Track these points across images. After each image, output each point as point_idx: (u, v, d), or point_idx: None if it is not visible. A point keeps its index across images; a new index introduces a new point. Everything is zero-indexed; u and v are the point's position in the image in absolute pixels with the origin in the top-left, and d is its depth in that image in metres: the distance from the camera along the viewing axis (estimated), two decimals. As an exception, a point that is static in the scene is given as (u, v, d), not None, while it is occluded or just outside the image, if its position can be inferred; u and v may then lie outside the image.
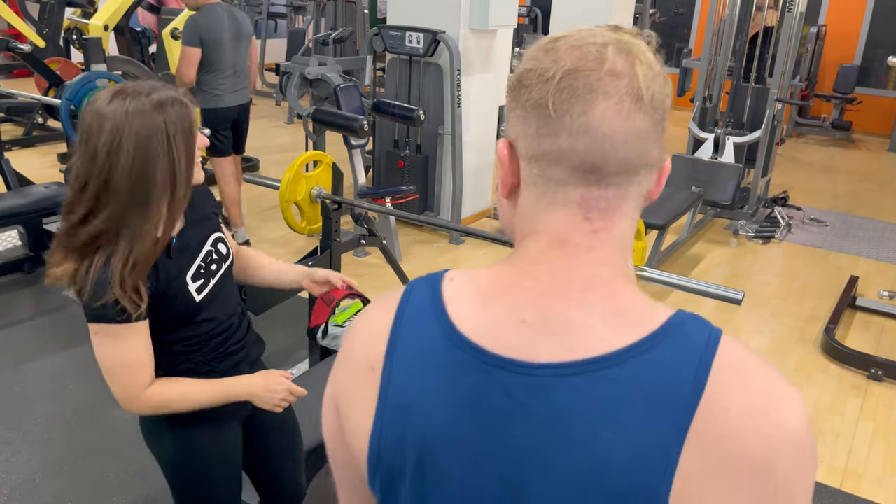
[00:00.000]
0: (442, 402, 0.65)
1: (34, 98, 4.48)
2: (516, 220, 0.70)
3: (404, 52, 4.70)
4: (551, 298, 0.64)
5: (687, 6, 10.73)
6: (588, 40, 0.63)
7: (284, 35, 10.95)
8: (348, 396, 0.73)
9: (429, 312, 0.68)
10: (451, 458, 0.65)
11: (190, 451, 1.48)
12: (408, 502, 0.67)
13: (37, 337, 3.40)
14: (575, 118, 0.61)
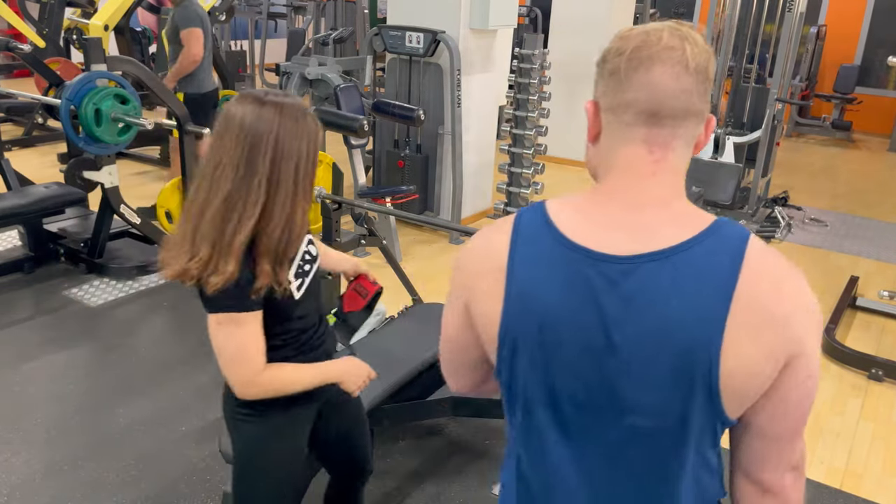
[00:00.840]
0: (555, 287, 0.89)
1: (34, 98, 4.47)
2: (599, 159, 0.96)
3: (404, 52, 4.70)
4: (629, 210, 0.90)
5: (687, 6, 10.73)
6: (651, 27, 0.90)
7: (284, 35, 10.94)
8: (479, 293, 0.96)
9: (540, 226, 0.93)
10: (563, 325, 0.89)
11: (269, 436, 1.54)
12: (528, 363, 0.92)
13: (37, 337, 3.40)
14: (639, 78, 0.87)
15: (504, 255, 0.93)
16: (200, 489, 2.44)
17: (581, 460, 0.94)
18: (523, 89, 4.86)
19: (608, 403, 0.89)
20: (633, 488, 0.93)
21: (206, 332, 1.42)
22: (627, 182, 0.91)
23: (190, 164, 4.13)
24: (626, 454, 0.91)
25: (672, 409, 0.87)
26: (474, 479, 2.53)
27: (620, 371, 0.88)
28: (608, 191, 0.93)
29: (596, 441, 0.92)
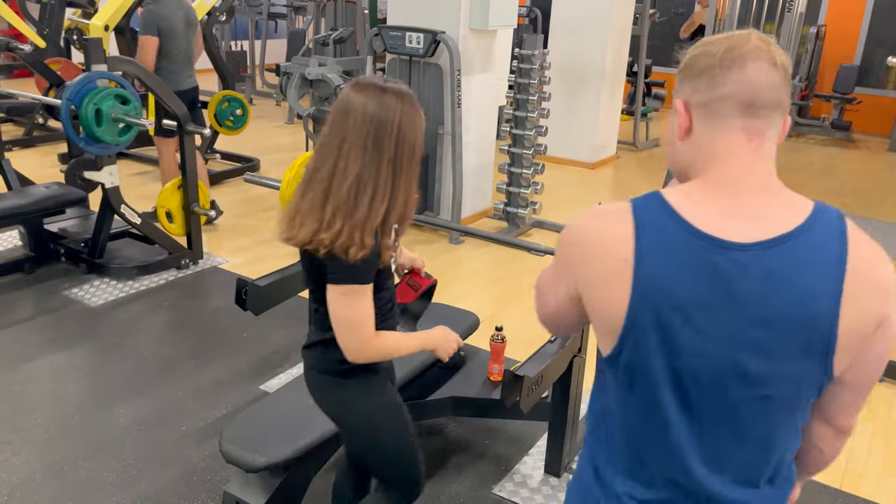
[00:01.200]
0: (685, 274, 0.96)
1: (35, 98, 4.47)
2: (695, 151, 1.03)
3: (404, 52, 4.70)
4: (741, 198, 0.99)
5: (687, 6, 10.73)
6: (735, 33, 1.01)
7: (284, 35, 10.95)
8: (599, 281, 1.02)
9: (664, 216, 0.99)
10: (693, 309, 0.96)
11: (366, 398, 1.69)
12: (655, 346, 0.99)
13: (37, 337, 3.40)
14: (734, 74, 0.98)
15: (627, 244, 0.99)
16: (200, 489, 2.44)
17: (698, 429, 1.03)
18: (523, 89, 4.87)
19: (734, 378, 0.99)
20: (743, 450, 1.04)
21: (206, 332, 1.42)
22: (734, 171, 1.00)
23: (190, 163, 4.14)
24: (743, 421, 1.02)
25: (793, 377, 0.99)
26: (474, 479, 2.54)
27: (751, 347, 0.97)
28: (718, 180, 1.00)
29: (714, 413, 1.01)
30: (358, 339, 1.54)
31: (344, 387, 1.67)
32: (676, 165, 1.08)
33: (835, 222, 0.98)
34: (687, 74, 1.03)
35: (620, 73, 7.12)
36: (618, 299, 1.00)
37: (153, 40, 4.43)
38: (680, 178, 1.09)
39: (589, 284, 1.04)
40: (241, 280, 2.61)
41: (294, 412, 2.18)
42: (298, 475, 2.09)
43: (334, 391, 1.69)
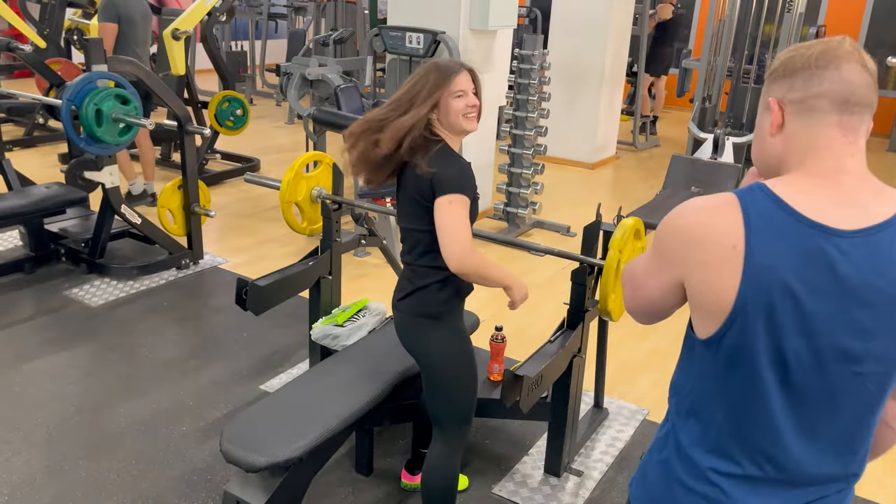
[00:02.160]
0: (794, 259, 1.02)
1: (35, 98, 4.47)
2: (788, 144, 1.09)
3: (404, 52, 4.71)
4: (842, 188, 1.05)
5: (687, 6, 10.73)
6: (829, 38, 1.09)
7: (285, 36, 10.95)
8: (708, 269, 1.06)
9: (771, 206, 1.04)
10: (802, 292, 1.02)
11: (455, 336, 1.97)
12: (762, 329, 1.04)
13: (37, 337, 3.40)
14: (831, 73, 1.04)
15: (737, 232, 1.04)
16: (201, 489, 2.44)
17: (796, 407, 1.09)
18: (523, 90, 4.87)
19: (835, 357, 1.05)
20: (837, 426, 1.10)
21: (206, 332, 1.42)
22: (833, 164, 1.06)
23: (190, 163, 4.14)
24: (840, 399, 1.08)
25: (890, 356, 1.07)
26: (474, 479, 2.54)
27: (854, 328, 1.04)
28: (819, 172, 1.07)
29: (813, 390, 1.07)
30: (461, 243, 1.77)
31: (435, 328, 1.93)
32: (764, 159, 1.15)
33: None
34: (780, 74, 1.10)
35: (620, 73, 7.12)
36: (727, 285, 1.05)
37: (112, 27, 4.57)
38: (764, 171, 1.16)
39: (696, 272, 1.09)
40: (241, 280, 2.61)
41: (294, 412, 2.18)
42: (298, 475, 2.09)
43: (427, 331, 1.93)
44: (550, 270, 4.47)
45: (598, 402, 2.94)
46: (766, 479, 1.13)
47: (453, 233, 1.78)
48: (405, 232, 1.94)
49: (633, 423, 2.92)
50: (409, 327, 1.97)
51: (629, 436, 2.83)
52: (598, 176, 6.88)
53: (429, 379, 2.00)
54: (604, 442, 2.79)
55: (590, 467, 2.63)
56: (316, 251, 2.95)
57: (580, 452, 2.71)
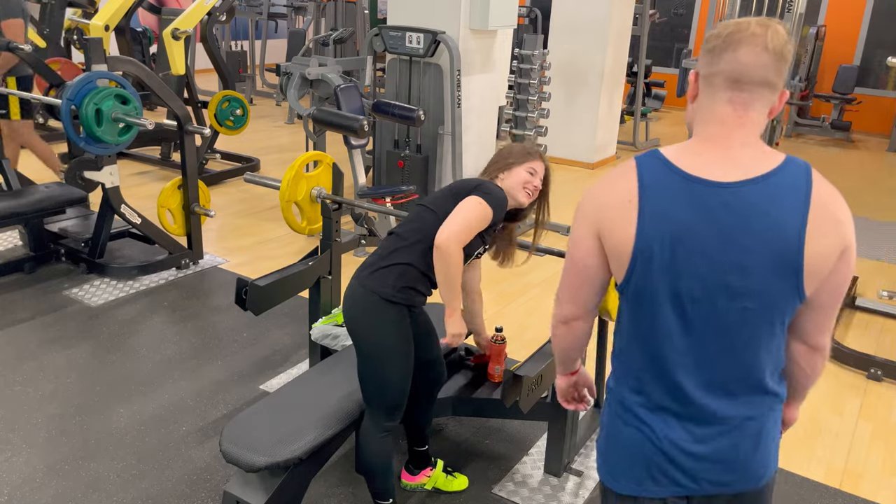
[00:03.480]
0: (680, 208, 1.20)
1: (35, 98, 4.47)
2: (696, 113, 1.28)
3: (404, 52, 4.71)
4: (727, 150, 1.22)
5: (686, 6, 10.73)
6: (745, 20, 1.21)
7: (285, 35, 10.95)
8: (613, 221, 1.26)
9: (660, 165, 1.24)
10: (689, 236, 1.20)
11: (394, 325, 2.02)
12: (658, 270, 1.23)
13: (37, 337, 3.40)
14: (729, 54, 1.20)
15: (633, 189, 1.24)
16: (200, 489, 2.44)
17: (694, 339, 1.26)
18: (523, 90, 4.87)
19: (722, 293, 1.22)
20: (730, 357, 1.26)
21: (206, 332, 1.42)
22: (722, 131, 1.23)
23: (190, 162, 4.14)
24: (730, 331, 1.24)
25: (769, 292, 1.21)
26: (474, 479, 2.54)
27: (734, 266, 1.20)
28: (708, 137, 1.25)
29: (707, 323, 1.24)
30: (458, 233, 1.94)
31: (382, 310, 1.99)
32: (687, 120, 1.35)
33: (802, 168, 1.22)
34: (704, 49, 1.26)
35: (620, 73, 7.12)
36: (627, 234, 1.23)
37: (20, 22, 4.47)
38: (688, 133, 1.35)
39: (606, 224, 1.27)
40: (241, 280, 2.61)
41: (294, 412, 2.18)
42: (298, 475, 2.09)
43: (373, 311, 2.00)
44: (550, 270, 4.47)
45: (598, 403, 2.94)
46: (677, 414, 1.30)
47: (463, 218, 1.96)
48: (417, 208, 2.11)
49: (633, 423, 2.92)
50: (359, 301, 2.03)
51: (629, 436, 2.83)
52: (598, 176, 6.88)
53: (361, 356, 2.08)
54: (604, 442, 2.79)
55: (590, 467, 2.63)
56: (316, 251, 2.95)
57: (580, 452, 2.71)
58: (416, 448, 2.43)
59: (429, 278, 2.04)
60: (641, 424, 1.33)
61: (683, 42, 10.71)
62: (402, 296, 2.00)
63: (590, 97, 6.84)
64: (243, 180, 3.51)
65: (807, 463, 2.73)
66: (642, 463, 1.33)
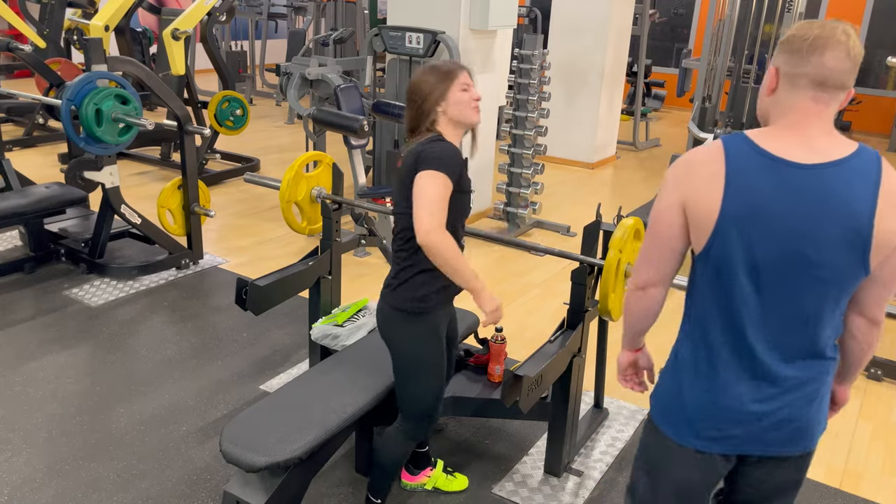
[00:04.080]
0: (764, 184, 1.34)
1: (35, 98, 4.47)
2: (773, 108, 1.42)
3: (404, 52, 4.71)
4: (807, 137, 1.37)
5: (686, 6, 10.73)
6: (828, 23, 1.35)
7: (285, 36, 10.95)
8: (699, 193, 1.38)
9: (745, 146, 1.38)
10: (770, 210, 1.34)
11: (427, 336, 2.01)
12: (737, 239, 1.36)
13: (37, 337, 3.40)
14: (816, 58, 1.33)
15: (720, 164, 1.37)
16: (201, 489, 2.44)
17: (767, 304, 1.39)
18: (523, 90, 4.87)
19: (797, 263, 1.36)
20: (798, 322, 1.40)
21: (206, 332, 1.42)
22: (803, 121, 1.37)
23: (190, 162, 4.14)
24: (801, 298, 1.38)
25: (840, 264, 1.34)
26: (474, 479, 2.54)
27: (810, 239, 1.34)
28: (789, 125, 1.38)
29: (780, 290, 1.38)
30: (430, 217, 1.80)
31: (411, 324, 1.98)
32: (759, 111, 1.48)
33: (874, 157, 1.38)
34: (785, 48, 1.39)
35: (620, 73, 7.12)
36: (712, 205, 1.36)
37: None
38: (760, 119, 1.48)
39: (691, 193, 1.40)
40: (241, 280, 2.61)
41: (294, 412, 2.18)
42: (298, 475, 2.09)
43: (402, 326, 1.99)
44: (550, 270, 4.47)
45: (598, 402, 2.94)
46: (745, 375, 1.43)
47: (426, 203, 1.81)
48: (395, 217, 2.02)
49: (633, 423, 2.92)
50: (388, 319, 2.03)
51: (629, 436, 2.83)
52: (597, 176, 6.88)
53: (396, 369, 2.08)
54: (604, 442, 2.79)
55: (590, 467, 2.63)
56: (316, 251, 2.95)
57: (580, 452, 2.71)
58: (416, 449, 2.43)
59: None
60: (711, 383, 1.45)
61: (683, 42, 10.71)
62: (426, 305, 1.97)
63: (590, 97, 6.84)
64: (243, 180, 3.51)
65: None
66: (708, 419, 1.47)
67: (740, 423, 1.44)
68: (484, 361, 2.74)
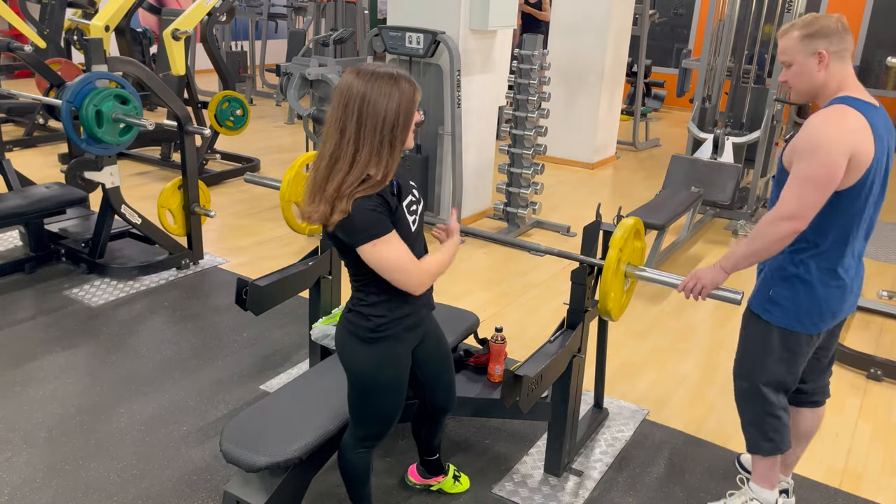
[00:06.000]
0: (882, 125, 1.94)
1: (35, 99, 4.47)
2: (828, 79, 1.97)
3: (404, 52, 4.71)
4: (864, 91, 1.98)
5: (686, 7, 10.73)
6: (827, 14, 1.98)
7: (285, 36, 10.95)
8: (861, 143, 1.88)
9: (861, 103, 1.93)
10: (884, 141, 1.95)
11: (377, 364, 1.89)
12: (879, 171, 1.95)
13: (37, 337, 3.40)
14: (849, 36, 1.97)
15: (863, 119, 1.90)
16: (201, 489, 2.45)
17: (870, 215, 2.04)
18: (523, 90, 4.87)
19: (886, 178, 2.00)
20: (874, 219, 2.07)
21: (206, 332, 1.42)
22: (856, 84, 1.98)
23: (190, 163, 4.14)
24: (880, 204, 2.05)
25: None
26: (474, 479, 2.54)
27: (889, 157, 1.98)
28: (855, 85, 1.98)
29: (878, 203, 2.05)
30: (409, 275, 1.75)
31: (363, 347, 1.88)
32: (809, 88, 2.00)
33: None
34: (822, 34, 1.93)
35: (620, 73, 7.12)
36: (870, 149, 1.90)
37: None
38: (805, 96, 2.03)
39: (857, 147, 1.87)
40: (241, 280, 2.61)
41: (294, 412, 2.18)
42: (298, 475, 2.09)
43: (357, 351, 1.89)
44: (550, 270, 4.47)
45: (598, 402, 2.94)
46: (858, 272, 2.11)
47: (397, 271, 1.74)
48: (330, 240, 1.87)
49: (633, 423, 2.92)
50: (341, 340, 1.93)
51: (629, 436, 2.84)
52: (597, 176, 6.89)
53: (349, 385, 1.97)
54: (604, 442, 2.79)
55: (589, 467, 2.63)
56: (316, 251, 2.96)
57: (580, 452, 2.71)
58: (426, 458, 2.42)
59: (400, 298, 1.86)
60: (840, 283, 2.04)
61: (683, 42, 10.71)
62: (379, 334, 1.86)
63: (590, 97, 6.84)
64: (243, 180, 3.51)
65: (807, 463, 2.73)
66: (835, 311, 2.07)
67: (851, 304, 2.11)
68: (484, 361, 2.74)
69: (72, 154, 4.92)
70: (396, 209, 1.76)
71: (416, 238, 1.84)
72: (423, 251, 1.91)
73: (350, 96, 1.67)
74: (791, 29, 2.00)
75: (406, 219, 1.80)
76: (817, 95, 1.99)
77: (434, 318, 2.08)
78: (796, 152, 1.92)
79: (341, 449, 2.08)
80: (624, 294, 2.39)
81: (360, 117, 1.67)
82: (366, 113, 1.66)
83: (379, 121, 1.67)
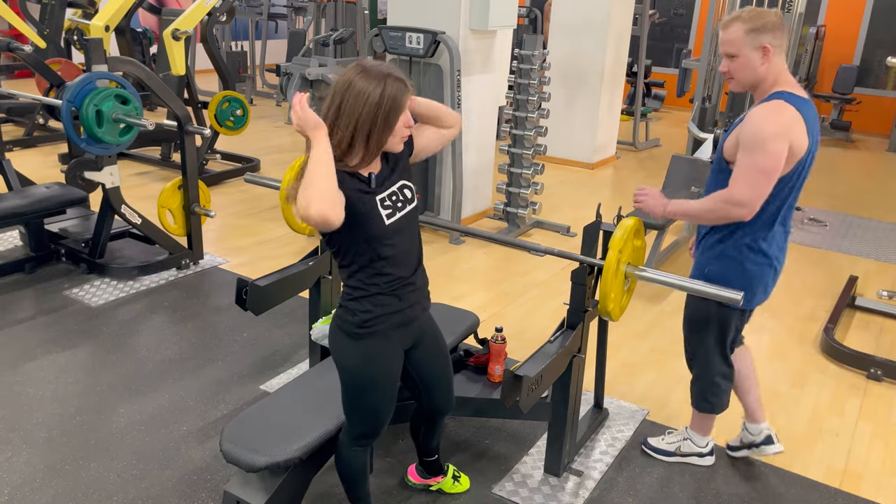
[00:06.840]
0: (811, 116, 2.13)
1: (35, 99, 4.47)
2: (769, 73, 2.13)
3: (404, 52, 4.71)
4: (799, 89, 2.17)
5: (686, 7, 10.73)
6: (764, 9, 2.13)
7: (285, 36, 10.95)
8: (797, 134, 2.07)
9: (794, 98, 2.10)
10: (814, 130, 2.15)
11: (364, 360, 1.90)
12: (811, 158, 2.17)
13: (37, 337, 3.40)
14: (784, 33, 2.12)
15: (796, 112, 2.06)
16: (201, 489, 2.45)
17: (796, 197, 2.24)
18: (523, 90, 4.87)
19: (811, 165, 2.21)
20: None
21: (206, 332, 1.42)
22: (789, 77, 2.14)
23: (190, 163, 4.14)
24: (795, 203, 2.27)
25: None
26: (474, 479, 2.54)
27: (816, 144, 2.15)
28: (788, 81, 2.14)
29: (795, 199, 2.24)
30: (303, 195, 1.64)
31: (352, 343, 1.90)
32: (752, 80, 2.15)
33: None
34: (767, 29, 2.07)
35: (620, 73, 7.12)
36: (804, 140, 2.08)
37: None
38: (748, 87, 2.17)
39: (793, 137, 2.06)
40: (241, 280, 2.61)
41: (294, 412, 2.18)
42: (298, 475, 2.09)
43: (345, 347, 1.91)
44: (550, 270, 4.47)
45: (598, 402, 2.94)
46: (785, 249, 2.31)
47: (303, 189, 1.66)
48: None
49: (633, 423, 2.92)
50: (332, 336, 1.95)
51: (629, 436, 2.84)
52: (597, 176, 6.89)
53: (341, 382, 1.98)
54: (604, 442, 2.79)
55: (590, 467, 2.63)
56: (316, 251, 2.96)
57: (580, 452, 2.71)
58: (424, 459, 2.42)
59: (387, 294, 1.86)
60: (769, 259, 2.24)
61: (683, 42, 10.71)
62: (366, 330, 1.87)
63: (590, 97, 6.84)
64: (243, 180, 3.51)
65: (807, 463, 2.73)
66: (763, 285, 2.28)
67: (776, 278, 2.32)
68: (484, 361, 2.74)
69: (72, 154, 4.92)
70: (363, 197, 1.76)
71: (393, 233, 1.82)
72: (415, 249, 1.93)
73: (340, 82, 1.76)
74: (736, 21, 2.10)
75: (377, 211, 1.79)
76: (756, 87, 2.15)
77: (433, 319, 2.08)
78: (742, 145, 2.09)
79: (337, 448, 2.09)
80: (624, 294, 2.39)
81: (341, 103, 1.73)
82: (346, 100, 1.72)
83: (356, 112, 1.71)
